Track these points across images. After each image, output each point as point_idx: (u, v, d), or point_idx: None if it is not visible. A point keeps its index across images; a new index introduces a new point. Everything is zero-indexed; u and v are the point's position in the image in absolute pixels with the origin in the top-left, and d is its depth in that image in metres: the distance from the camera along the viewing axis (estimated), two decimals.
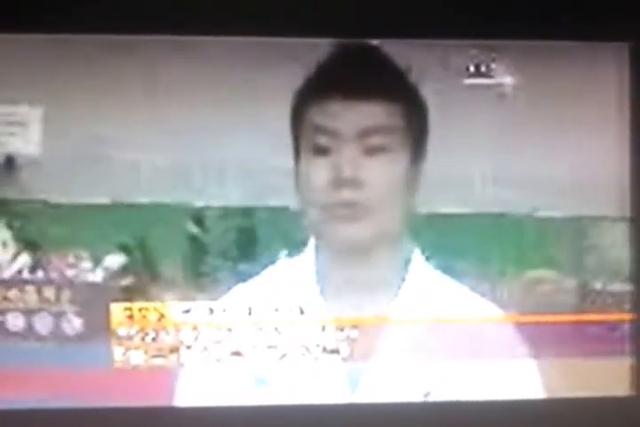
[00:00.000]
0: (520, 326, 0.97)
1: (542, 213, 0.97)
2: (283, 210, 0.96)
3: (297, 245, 0.96)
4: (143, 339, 0.95)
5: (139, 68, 0.95)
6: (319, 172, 0.93)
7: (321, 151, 0.93)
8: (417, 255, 0.96)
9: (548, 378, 0.97)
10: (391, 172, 0.94)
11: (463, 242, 0.96)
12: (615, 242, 0.98)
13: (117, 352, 0.95)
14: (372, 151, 0.93)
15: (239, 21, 0.92)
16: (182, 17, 0.92)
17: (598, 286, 0.98)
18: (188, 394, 0.96)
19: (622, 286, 0.98)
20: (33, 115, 0.96)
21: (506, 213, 0.97)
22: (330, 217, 0.94)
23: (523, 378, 0.97)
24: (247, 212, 0.96)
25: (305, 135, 0.94)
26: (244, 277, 0.96)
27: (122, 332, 0.95)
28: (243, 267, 0.96)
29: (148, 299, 0.95)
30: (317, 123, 0.94)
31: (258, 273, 0.96)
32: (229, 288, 0.96)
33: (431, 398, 0.96)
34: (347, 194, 0.92)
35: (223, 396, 0.96)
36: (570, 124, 0.97)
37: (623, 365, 0.98)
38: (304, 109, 0.94)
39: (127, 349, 0.95)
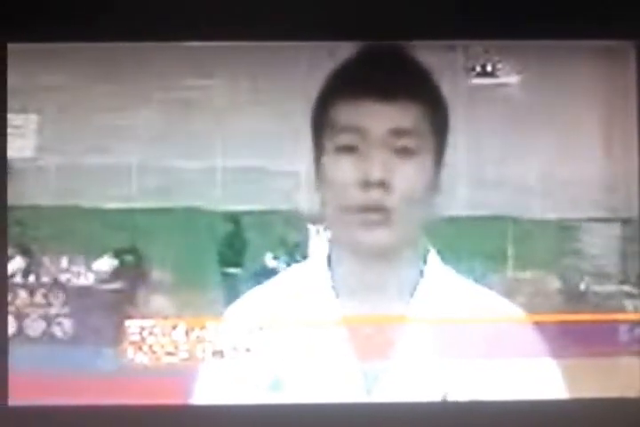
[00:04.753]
0: (534, 325, 0.95)
1: (552, 215, 0.97)
2: (288, 212, 0.95)
3: (308, 245, 0.96)
4: (155, 337, 0.94)
5: (144, 74, 0.96)
6: (346, 171, 0.93)
7: (347, 150, 0.93)
8: (433, 256, 0.96)
9: (562, 378, 0.94)
10: (418, 175, 0.93)
11: (478, 243, 0.96)
12: (626, 243, 0.97)
13: (129, 351, 0.94)
14: (400, 153, 0.93)
15: (261, 25, 0.92)
16: (196, 23, 0.93)
17: (611, 286, 0.97)
18: (201, 393, 0.94)
19: (634, 287, 0.97)
20: (29, 121, 0.96)
21: (516, 213, 0.96)
22: (355, 220, 0.92)
23: (537, 378, 0.95)
24: (251, 214, 0.95)
25: (328, 135, 0.94)
26: (252, 281, 0.95)
27: (133, 330, 0.94)
28: (247, 270, 0.95)
29: (139, 303, 0.94)
30: (344, 122, 0.93)
31: (264, 277, 0.95)
32: (231, 296, 0.95)
33: (449, 398, 0.94)
34: (375, 196, 0.92)
35: (237, 394, 0.94)
36: (576, 124, 0.97)
37: (636, 366, 0.96)
38: (328, 109, 0.94)
39: (138, 347, 0.94)
